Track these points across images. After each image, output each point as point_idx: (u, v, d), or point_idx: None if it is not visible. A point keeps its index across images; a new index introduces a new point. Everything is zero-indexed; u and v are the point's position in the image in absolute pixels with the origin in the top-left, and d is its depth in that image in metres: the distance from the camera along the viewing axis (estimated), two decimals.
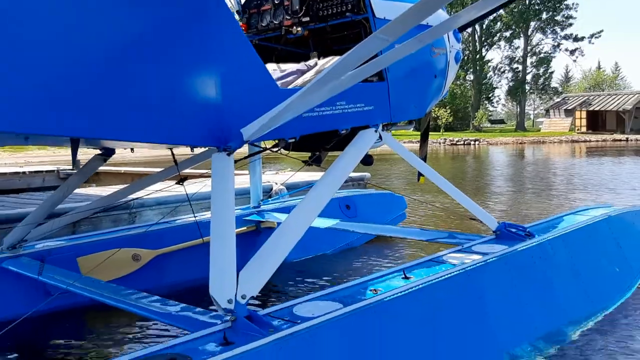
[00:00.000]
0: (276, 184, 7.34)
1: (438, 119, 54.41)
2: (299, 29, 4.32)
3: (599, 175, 16.23)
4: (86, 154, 4.63)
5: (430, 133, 5.53)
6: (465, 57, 59.62)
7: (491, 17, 64.58)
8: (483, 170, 20.08)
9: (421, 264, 3.45)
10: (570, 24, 64.89)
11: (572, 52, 66.29)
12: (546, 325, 3.52)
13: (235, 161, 2.94)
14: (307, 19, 4.28)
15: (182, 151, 3.79)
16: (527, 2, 62.94)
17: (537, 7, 63.59)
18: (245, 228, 5.69)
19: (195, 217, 4.87)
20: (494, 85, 71.21)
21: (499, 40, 67.15)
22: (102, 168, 12.70)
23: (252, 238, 5.61)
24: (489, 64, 69.36)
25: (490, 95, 71.64)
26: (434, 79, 4.62)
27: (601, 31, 65.28)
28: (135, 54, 2.36)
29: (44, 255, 4.34)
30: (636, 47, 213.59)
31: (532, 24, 64.72)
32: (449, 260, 3.51)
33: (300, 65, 3.62)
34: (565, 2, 62.86)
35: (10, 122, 2.09)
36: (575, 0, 35.07)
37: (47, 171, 12.96)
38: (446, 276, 3.17)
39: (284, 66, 3.81)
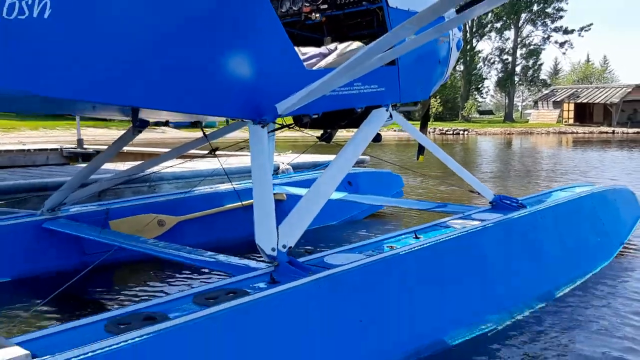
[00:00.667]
0: (282, 163, 7.76)
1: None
2: (317, 15, 4.72)
3: (583, 164, 16.84)
4: (86, 135, 5.05)
5: (418, 122, 5.97)
6: (462, 42, 59.88)
7: None
8: (471, 158, 20.60)
9: (429, 227, 3.94)
10: (561, 17, 65.36)
11: (562, 44, 66.80)
12: (534, 283, 4.02)
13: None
14: (325, 6, 4.69)
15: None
16: None
17: None
18: None
19: (233, 185, 5.44)
20: (484, 76, 71.71)
21: (490, 31, 67.52)
22: (101, 147, 12.95)
23: None
24: (479, 54, 69.79)
25: (479, 86, 72.12)
26: (438, 65, 5.06)
27: (591, 24, 65.94)
28: (192, 43, 2.82)
29: (80, 217, 4.75)
30: (625, 41, 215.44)
31: (523, 15, 65.14)
32: (452, 225, 3.99)
33: (322, 49, 4.03)
34: None
35: (98, 94, 2.53)
36: None
37: (51, 149, 13.28)
38: (450, 237, 3.65)
39: (304, 49, 4.21)
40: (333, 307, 2.84)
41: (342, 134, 5.23)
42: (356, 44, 3.98)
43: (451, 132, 45.77)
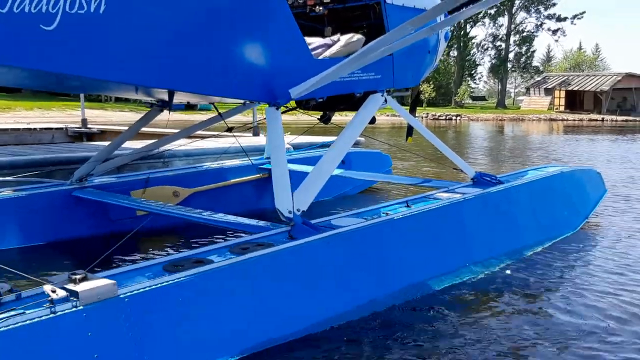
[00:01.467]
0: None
1: (421, 94, 55.30)
2: (320, 8, 5.25)
3: (569, 150, 17.50)
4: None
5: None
6: (450, 34, 60.27)
7: None
8: (463, 142, 21.21)
9: (418, 198, 4.55)
10: (554, 4, 65.79)
11: (555, 32, 67.27)
12: (508, 246, 4.67)
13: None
14: (328, 0, 5.21)
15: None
16: None
17: None
18: (260, 175, 6.72)
19: (250, 160, 6.23)
20: (477, 62, 72.28)
21: (484, 17, 67.78)
22: (105, 127, 13.46)
23: (265, 182, 6.65)
24: (473, 41, 70.22)
25: (472, 72, 72.75)
26: (428, 54, 5.61)
27: (583, 12, 66.36)
28: (222, 38, 3.41)
29: (106, 187, 5.30)
30: (617, 29, 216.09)
31: (517, 2, 65.48)
32: (438, 197, 4.58)
33: (327, 40, 4.57)
34: None
35: (146, 78, 3.10)
36: None
37: (56, 128, 13.71)
38: (437, 206, 4.27)
39: (309, 40, 4.75)
40: (340, 259, 3.47)
41: (337, 117, 5.80)
42: (357, 36, 4.52)
43: (444, 118, 46.39)
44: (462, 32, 65.86)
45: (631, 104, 52.99)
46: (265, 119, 3.95)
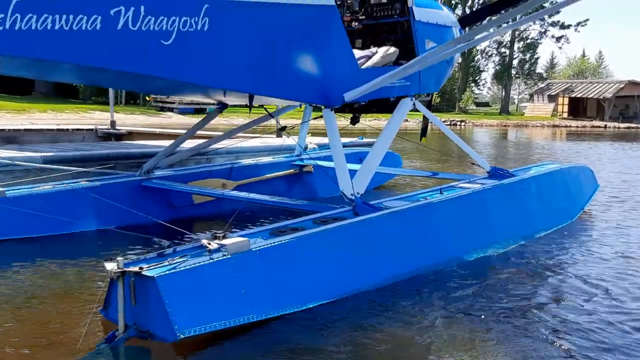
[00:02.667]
0: (310, 143, 9.11)
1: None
2: (356, 23, 6.04)
3: (572, 154, 18.29)
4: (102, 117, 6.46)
5: (415, 113, 7.45)
6: None
7: (481, 1, 66.42)
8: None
9: (447, 187, 5.41)
10: (558, 12, 66.52)
11: (558, 39, 67.78)
12: (520, 228, 5.53)
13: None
14: (363, 17, 6.00)
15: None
16: None
17: None
18: (292, 170, 7.57)
19: (301, 157, 7.36)
20: (481, 69, 73.04)
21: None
22: (134, 128, 14.33)
23: (296, 176, 7.53)
24: (477, 47, 70.89)
25: (477, 78, 73.51)
26: (447, 64, 6.43)
27: (587, 20, 67.22)
28: (293, 54, 4.25)
29: (169, 178, 6.09)
30: (621, 37, 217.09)
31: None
32: (463, 186, 5.39)
33: (367, 52, 5.36)
34: None
35: (236, 85, 3.92)
36: None
37: (87, 130, 14.51)
38: (465, 193, 5.16)
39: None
40: (395, 232, 4.39)
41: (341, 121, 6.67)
42: (392, 49, 5.33)
43: (448, 123, 46.94)
44: None
45: (634, 111, 53.62)
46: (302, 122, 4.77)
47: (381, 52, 5.29)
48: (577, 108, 55.92)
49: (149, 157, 6.38)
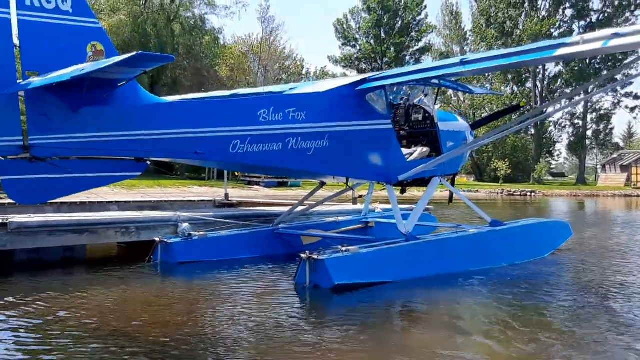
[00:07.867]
0: (377, 207, 12.80)
1: (497, 171, 57.60)
2: (403, 132, 9.76)
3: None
4: (203, 190, 10.76)
5: (488, 184, 11.22)
6: (528, 112, 60.98)
7: (552, 75, 67.87)
8: (527, 210, 24.60)
9: (461, 227, 8.89)
10: (631, 83, 66.66)
11: (632, 109, 67.74)
12: (505, 257, 8.89)
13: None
14: (407, 128, 9.72)
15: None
16: (587, 61, 64.70)
17: (597, 66, 66.01)
18: (361, 225, 11.33)
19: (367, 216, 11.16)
20: (555, 140, 73.54)
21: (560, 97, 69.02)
22: (241, 199, 18.68)
23: (364, 230, 11.30)
24: (550, 119, 71.52)
25: (550, 149, 73.94)
26: (462, 155, 9.99)
27: None
28: (367, 151, 8.13)
29: (291, 229, 9.94)
30: None
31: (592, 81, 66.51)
32: (470, 230, 8.86)
33: (411, 150, 9.05)
34: (625, 62, 64.55)
35: (342, 173, 7.92)
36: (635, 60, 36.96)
37: (207, 200, 18.64)
38: (474, 232, 8.67)
39: None
40: (430, 251, 8.00)
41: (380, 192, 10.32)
42: (425, 149, 8.99)
43: (519, 194, 48.91)
44: None
45: None
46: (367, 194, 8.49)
47: (419, 150, 8.97)
48: None
49: (265, 216, 10.48)
